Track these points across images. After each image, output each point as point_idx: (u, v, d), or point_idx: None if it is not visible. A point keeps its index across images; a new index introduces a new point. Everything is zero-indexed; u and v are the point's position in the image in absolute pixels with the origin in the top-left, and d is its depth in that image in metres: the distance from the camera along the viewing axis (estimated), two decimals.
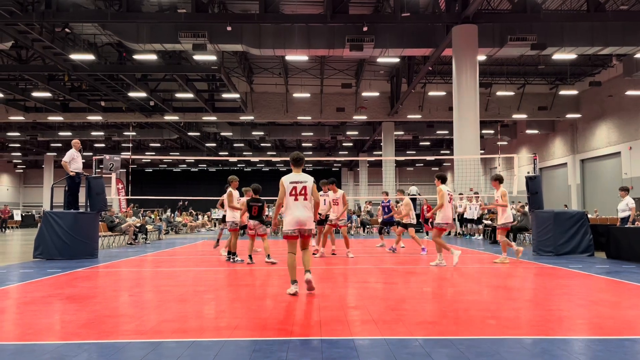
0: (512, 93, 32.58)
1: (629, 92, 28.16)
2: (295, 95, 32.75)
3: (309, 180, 6.57)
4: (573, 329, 4.68)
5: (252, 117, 34.50)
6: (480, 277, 8.38)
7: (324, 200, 11.80)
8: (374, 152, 50.69)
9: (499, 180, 10.34)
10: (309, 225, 6.48)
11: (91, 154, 12.57)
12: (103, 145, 47.63)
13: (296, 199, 6.46)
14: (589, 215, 12.73)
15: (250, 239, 10.63)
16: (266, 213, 14.18)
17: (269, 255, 10.38)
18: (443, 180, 9.91)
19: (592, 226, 12.16)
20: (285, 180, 6.53)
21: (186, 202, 30.67)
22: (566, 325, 4.81)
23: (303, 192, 6.45)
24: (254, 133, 42.25)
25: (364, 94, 32.28)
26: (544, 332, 4.52)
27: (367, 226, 24.49)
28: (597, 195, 32.74)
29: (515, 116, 34.67)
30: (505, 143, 45.27)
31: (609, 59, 27.51)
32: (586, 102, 33.74)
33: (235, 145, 51.35)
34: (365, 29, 19.58)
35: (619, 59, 26.15)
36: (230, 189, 10.80)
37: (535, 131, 39.19)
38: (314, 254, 11.89)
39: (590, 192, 34.22)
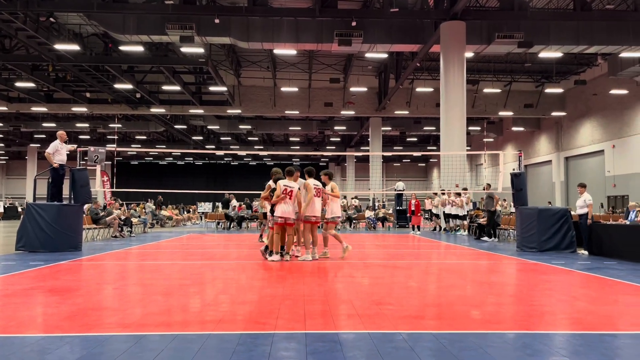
0: (498, 90, 32.82)
1: (613, 91, 28.51)
2: (283, 89, 32.65)
3: (295, 186, 9.60)
4: (554, 324, 4.74)
5: (239, 111, 34.35)
6: (464, 272, 8.45)
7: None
8: (362, 148, 50.78)
9: (328, 175, 10.39)
10: (290, 216, 9.44)
11: (75, 145, 12.34)
12: (88, 137, 47.11)
13: (285, 198, 9.38)
14: (572, 212, 12.87)
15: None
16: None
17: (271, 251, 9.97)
18: (310, 174, 9.96)
19: (575, 223, 12.32)
20: (281, 183, 9.46)
21: (160, 198, 30.43)
22: (548, 320, 4.88)
23: (290, 194, 9.44)
24: (241, 127, 42.09)
25: (352, 89, 32.28)
26: (526, 326, 4.57)
27: (354, 221, 24.56)
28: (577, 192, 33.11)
29: (502, 113, 34.94)
30: (492, 140, 45.63)
31: (594, 57, 27.80)
32: (571, 101, 34.11)
33: (222, 138, 51.10)
34: (353, 23, 19.56)
35: (604, 58, 26.45)
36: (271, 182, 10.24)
37: (521, 128, 39.56)
38: (297, 256, 11.48)
39: (574, 189, 34.61)
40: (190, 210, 33.83)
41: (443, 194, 20.24)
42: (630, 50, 21.71)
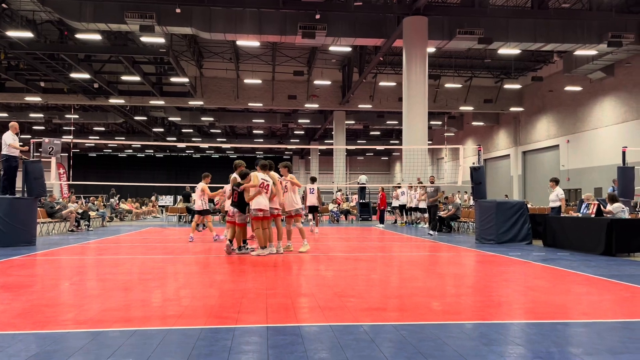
0: (459, 85, 33.43)
1: (568, 88, 29.47)
2: (246, 81, 32.33)
3: (270, 180, 9.57)
4: (510, 314, 4.89)
5: (201, 102, 33.83)
6: (424, 264, 8.60)
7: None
8: (326, 141, 50.89)
9: (287, 168, 10.50)
10: (268, 209, 9.45)
11: (29, 136, 11.90)
12: (43, 127, 45.48)
13: (267, 192, 9.49)
14: (529, 205, 13.29)
15: (231, 227, 9.98)
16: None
17: (241, 246, 9.90)
18: (263, 168, 9.82)
19: (531, 215, 12.72)
20: (259, 176, 9.37)
21: (113, 190, 29.91)
22: (504, 310, 5.02)
23: (267, 187, 9.48)
24: (203, 119, 41.46)
25: (316, 82, 32.26)
26: (483, 317, 4.69)
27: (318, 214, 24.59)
28: (537, 185, 34.23)
29: (462, 108, 35.64)
30: (452, 134, 46.49)
31: (551, 55, 28.67)
32: (528, 96, 35.09)
33: (183, 130, 50.24)
34: (317, 16, 19.51)
35: (560, 55, 27.29)
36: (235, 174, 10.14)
37: (481, 123, 40.44)
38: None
39: (530, 182, 35.73)
40: (150, 203, 33.11)
41: (410, 186, 20.54)
42: (584, 48, 22.46)
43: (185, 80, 29.25)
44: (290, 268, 7.95)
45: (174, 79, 29.72)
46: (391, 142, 52.14)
